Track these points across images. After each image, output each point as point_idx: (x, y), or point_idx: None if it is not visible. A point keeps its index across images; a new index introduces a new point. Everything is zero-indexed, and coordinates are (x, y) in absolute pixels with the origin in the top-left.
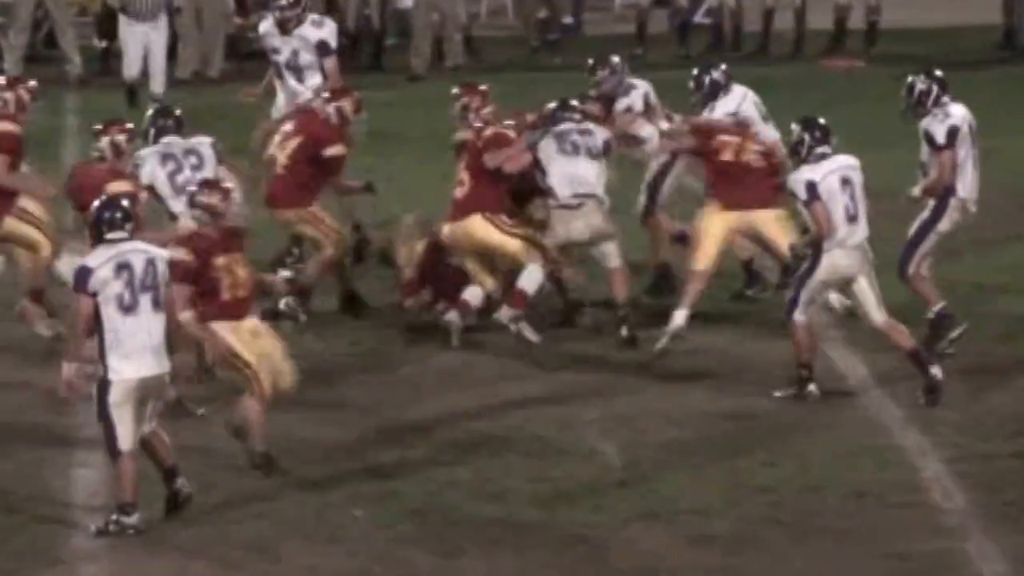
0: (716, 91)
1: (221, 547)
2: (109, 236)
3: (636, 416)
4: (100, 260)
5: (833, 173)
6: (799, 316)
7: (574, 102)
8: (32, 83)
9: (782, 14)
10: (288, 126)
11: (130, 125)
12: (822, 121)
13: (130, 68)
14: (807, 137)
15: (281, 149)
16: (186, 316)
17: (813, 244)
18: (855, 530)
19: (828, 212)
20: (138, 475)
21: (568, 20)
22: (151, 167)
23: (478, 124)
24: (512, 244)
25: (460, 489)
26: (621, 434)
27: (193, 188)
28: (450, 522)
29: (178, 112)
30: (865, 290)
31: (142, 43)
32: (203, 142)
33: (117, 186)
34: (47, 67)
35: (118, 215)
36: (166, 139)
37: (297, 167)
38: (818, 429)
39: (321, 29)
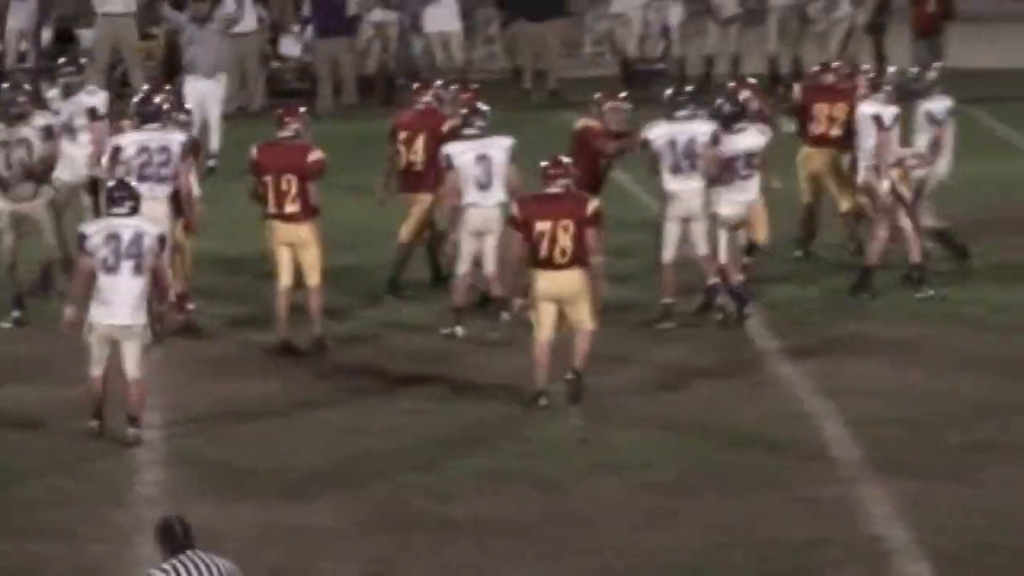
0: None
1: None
2: (112, 211)
3: (596, 386)
4: (95, 229)
5: (471, 151)
6: (462, 268)
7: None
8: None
9: (719, 61)
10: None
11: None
12: (482, 108)
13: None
14: (460, 123)
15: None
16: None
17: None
18: (772, 479)
19: (458, 180)
20: (102, 393)
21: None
22: None
23: None
24: None
25: (451, 448)
26: (584, 402)
27: None
28: (443, 473)
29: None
30: (490, 247)
31: (199, 99)
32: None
33: None
34: (122, 103)
35: (122, 195)
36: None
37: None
38: (743, 396)
39: (94, 97)
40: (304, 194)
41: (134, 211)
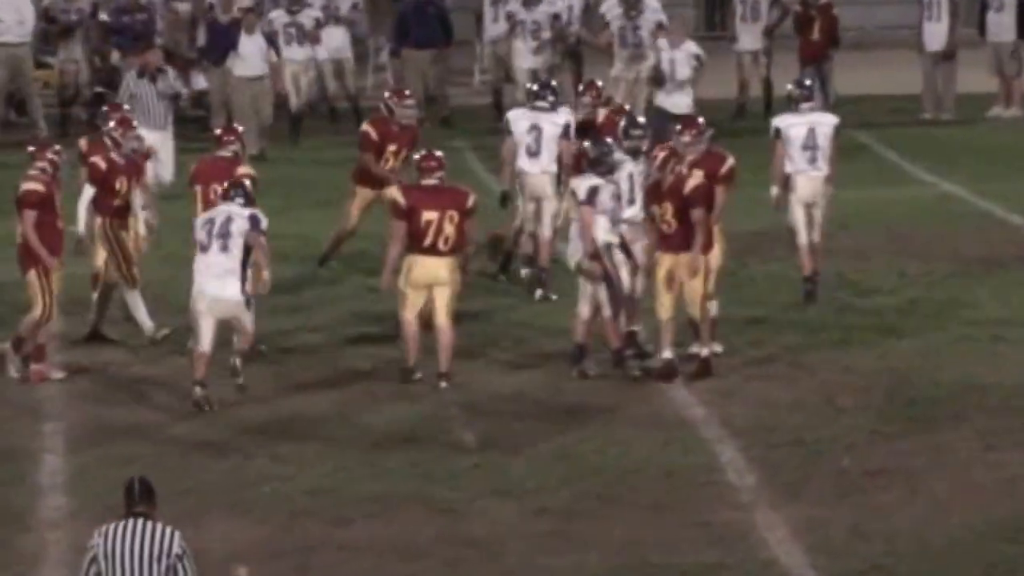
0: None
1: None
2: (223, 200)
3: (487, 411)
4: (200, 218)
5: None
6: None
7: None
8: (57, 147)
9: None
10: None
11: (58, 147)
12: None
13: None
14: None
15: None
16: None
17: None
18: (666, 503)
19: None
20: (209, 364)
21: None
22: None
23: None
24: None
25: (347, 472)
26: (477, 424)
27: None
28: (339, 497)
29: None
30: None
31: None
32: None
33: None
34: (18, 131)
35: (235, 192)
36: None
37: None
38: (637, 422)
39: None
40: None
41: (245, 206)
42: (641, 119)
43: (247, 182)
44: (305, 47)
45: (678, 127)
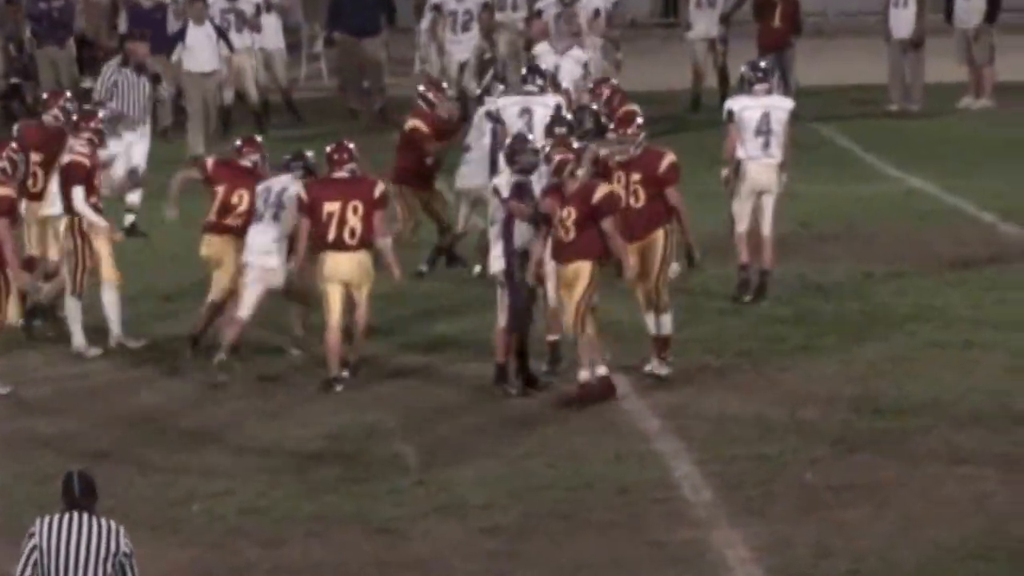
0: None
1: None
2: (283, 169)
3: (430, 423)
4: (262, 184)
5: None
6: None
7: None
8: (13, 144)
9: None
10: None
11: (13, 144)
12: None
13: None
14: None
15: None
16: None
17: None
18: (620, 521)
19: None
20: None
21: None
22: None
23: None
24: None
25: (281, 489)
26: (418, 440)
27: None
28: (273, 516)
29: None
30: None
31: (126, 153)
32: None
33: None
34: None
35: (297, 163)
36: None
37: None
38: (590, 434)
39: None
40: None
41: (304, 178)
42: (568, 116)
43: (310, 154)
44: (244, 34)
45: (610, 125)
